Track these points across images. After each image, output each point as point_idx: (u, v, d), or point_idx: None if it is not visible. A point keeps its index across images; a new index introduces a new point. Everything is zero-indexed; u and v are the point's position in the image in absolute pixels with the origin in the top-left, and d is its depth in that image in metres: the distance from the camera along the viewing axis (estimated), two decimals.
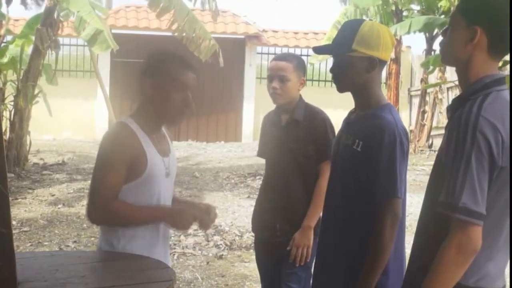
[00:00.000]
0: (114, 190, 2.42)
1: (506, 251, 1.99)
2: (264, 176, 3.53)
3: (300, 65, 3.30)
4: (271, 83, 3.27)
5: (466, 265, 1.85)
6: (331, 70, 2.54)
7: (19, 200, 7.94)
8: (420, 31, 12.23)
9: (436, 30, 13.39)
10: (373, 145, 2.38)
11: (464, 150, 1.83)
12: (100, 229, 2.60)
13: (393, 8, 13.60)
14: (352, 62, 2.45)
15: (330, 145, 3.15)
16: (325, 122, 3.30)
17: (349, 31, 2.47)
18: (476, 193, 1.81)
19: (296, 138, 3.26)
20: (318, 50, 2.61)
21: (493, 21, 1.95)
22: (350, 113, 2.64)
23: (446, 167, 1.90)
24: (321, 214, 3.16)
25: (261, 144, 3.56)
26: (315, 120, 3.29)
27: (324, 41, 14.14)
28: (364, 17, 13.34)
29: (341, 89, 2.55)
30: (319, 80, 16.93)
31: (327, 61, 15.87)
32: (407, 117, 16.08)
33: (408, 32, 12.01)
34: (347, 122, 2.62)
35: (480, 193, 1.82)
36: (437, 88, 14.21)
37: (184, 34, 9.42)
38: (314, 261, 3.24)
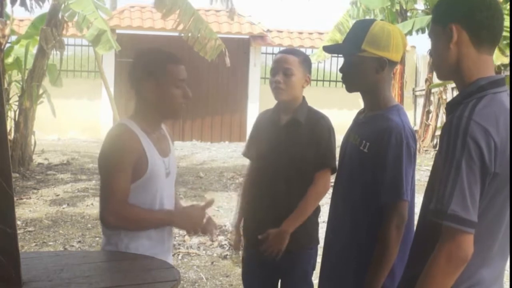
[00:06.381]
0: (126, 193, 2.43)
1: (502, 257, 1.93)
2: (254, 178, 3.22)
3: (306, 61, 3.12)
4: (274, 77, 3.06)
5: (456, 274, 1.79)
6: (341, 70, 2.53)
7: (24, 200, 7.96)
8: (423, 30, 12.21)
9: None
10: (379, 147, 2.37)
11: (454, 156, 1.76)
12: (103, 231, 2.60)
13: (398, 8, 13.59)
14: (362, 62, 2.44)
15: (332, 154, 3.04)
16: (330, 129, 3.12)
17: (359, 31, 2.46)
18: (466, 200, 1.75)
19: (296, 141, 3.06)
20: (329, 49, 2.59)
21: (464, 12, 1.90)
22: (359, 113, 2.63)
23: (437, 173, 1.86)
24: (303, 220, 3.04)
25: (251, 144, 3.30)
26: (319, 125, 3.11)
27: (327, 42, 14.15)
28: (369, 17, 13.33)
29: (350, 89, 2.54)
30: (323, 80, 16.92)
31: (332, 61, 15.91)
32: (411, 117, 16.06)
33: (411, 32, 11.99)
34: (356, 122, 2.61)
35: (470, 200, 1.75)
36: (442, 88, 14.19)
37: (190, 34, 9.43)
38: (313, 269, 3.16)
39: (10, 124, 10.10)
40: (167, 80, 2.50)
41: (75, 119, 15.27)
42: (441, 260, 1.77)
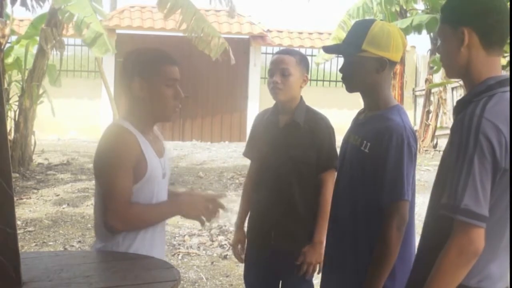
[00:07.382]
0: (129, 194, 2.37)
1: (507, 253, 1.96)
2: (256, 180, 3.27)
3: (303, 60, 3.12)
4: (272, 78, 3.07)
5: (467, 267, 1.83)
6: (341, 70, 2.53)
7: (24, 200, 7.96)
8: (420, 30, 12.20)
9: None
10: (380, 147, 2.37)
11: (467, 152, 1.81)
12: (98, 236, 2.53)
13: (398, 8, 13.58)
14: (362, 62, 2.44)
15: (335, 154, 3.03)
16: (330, 130, 3.14)
17: (359, 31, 2.46)
18: (478, 195, 1.80)
19: (296, 143, 3.07)
20: (328, 49, 2.59)
21: (475, 15, 1.95)
22: (359, 113, 2.63)
23: (449, 170, 1.89)
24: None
25: (251, 144, 3.35)
26: (319, 125, 3.12)
27: (330, 41, 14.13)
28: (369, 17, 13.32)
29: (350, 89, 2.54)
30: (323, 80, 16.92)
31: (332, 61, 15.90)
32: (411, 117, 16.06)
33: (409, 28, 11.96)
34: (356, 122, 2.61)
35: (482, 195, 1.81)
36: (442, 88, 14.19)
37: (192, 33, 9.42)
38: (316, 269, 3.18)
39: (10, 124, 10.10)
40: (157, 79, 2.43)
41: (75, 119, 15.25)
42: (453, 254, 1.82)
